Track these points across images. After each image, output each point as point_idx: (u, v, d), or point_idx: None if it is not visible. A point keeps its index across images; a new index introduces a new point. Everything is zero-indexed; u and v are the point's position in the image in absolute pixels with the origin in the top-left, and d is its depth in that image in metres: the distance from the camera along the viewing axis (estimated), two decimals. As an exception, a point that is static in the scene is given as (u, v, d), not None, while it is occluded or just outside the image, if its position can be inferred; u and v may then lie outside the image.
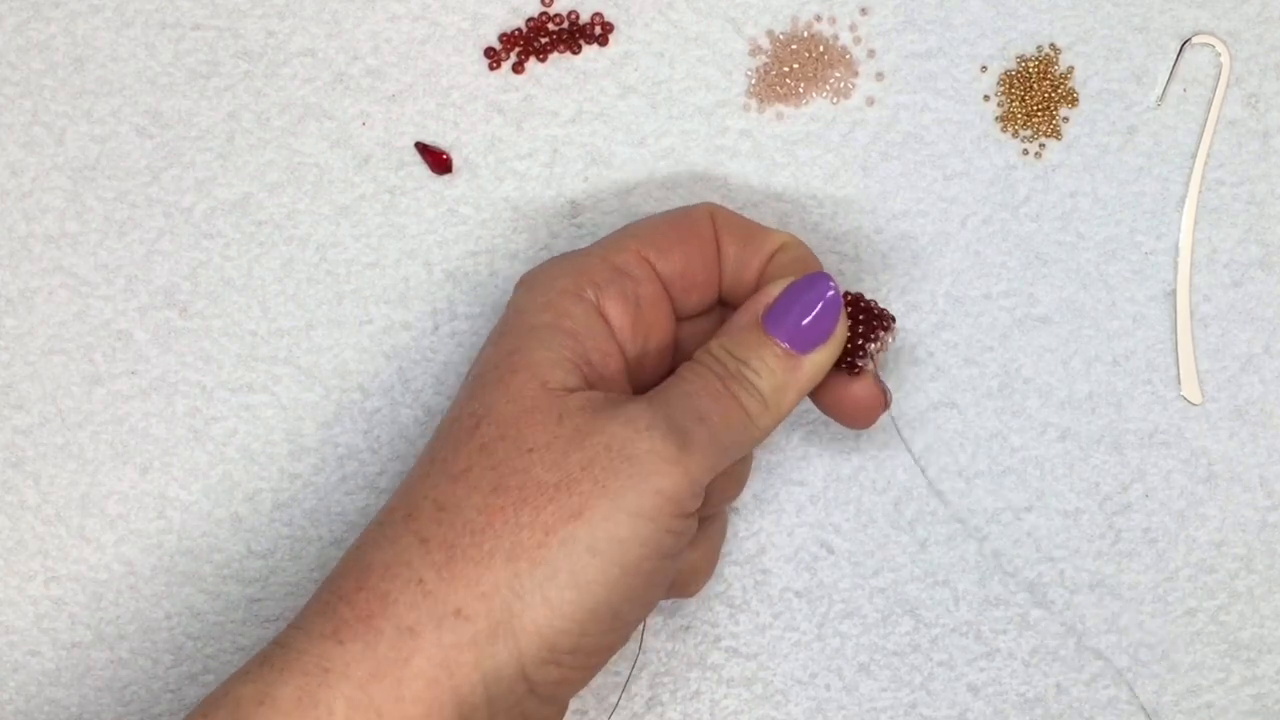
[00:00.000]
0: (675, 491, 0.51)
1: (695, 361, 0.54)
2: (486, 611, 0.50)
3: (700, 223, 0.57)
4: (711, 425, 0.52)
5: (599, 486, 0.51)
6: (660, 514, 0.51)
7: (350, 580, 0.52)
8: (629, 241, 0.56)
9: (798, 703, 0.62)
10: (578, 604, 0.50)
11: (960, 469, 0.62)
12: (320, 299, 0.63)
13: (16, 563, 0.62)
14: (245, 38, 0.63)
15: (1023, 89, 0.62)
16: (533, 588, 0.50)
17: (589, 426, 0.52)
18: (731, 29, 0.63)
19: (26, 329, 0.63)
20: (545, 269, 0.56)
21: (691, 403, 0.53)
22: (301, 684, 0.50)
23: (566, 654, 0.51)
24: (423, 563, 0.51)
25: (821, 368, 0.54)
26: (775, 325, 0.54)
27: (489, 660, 0.50)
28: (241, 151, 0.63)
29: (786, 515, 0.63)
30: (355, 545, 0.53)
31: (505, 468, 0.51)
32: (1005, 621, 0.62)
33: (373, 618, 0.50)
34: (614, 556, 0.51)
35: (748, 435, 0.53)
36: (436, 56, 0.63)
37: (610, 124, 0.63)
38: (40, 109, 0.63)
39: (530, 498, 0.51)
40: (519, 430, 0.52)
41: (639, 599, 0.52)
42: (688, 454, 0.51)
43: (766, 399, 0.53)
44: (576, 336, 0.54)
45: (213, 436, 0.62)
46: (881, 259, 0.62)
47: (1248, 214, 0.62)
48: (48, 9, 0.63)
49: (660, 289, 0.56)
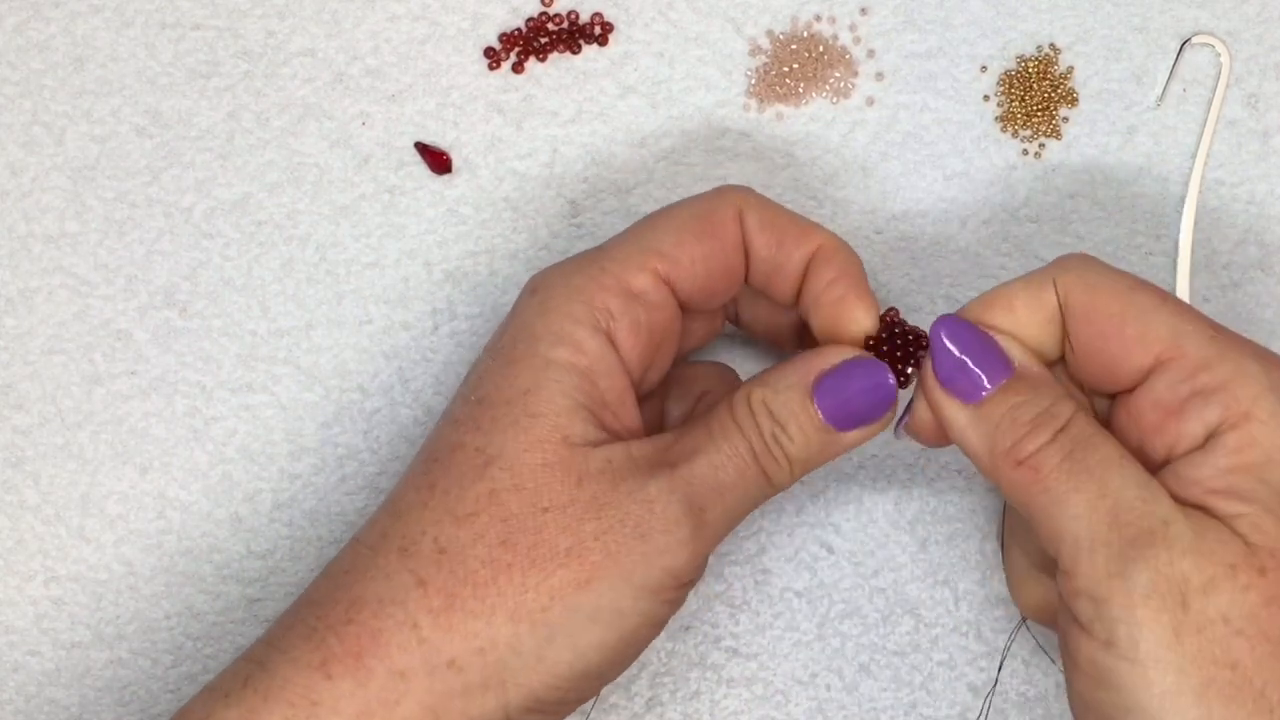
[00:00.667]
0: (681, 568, 0.51)
1: (731, 420, 0.53)
2: (481, 666, 0.50)
3: (726, 224, 0.54)
4: (728, 500, 0.52)
5: (610, 559, 0.50)
6: (663, 588, 0.51)
7: (339, 610, 0.51)
8: (647, 258, 0.53)
9: (798, 703, 0.62)
10: (571, 666, 0.51)
11: (960, 469, 0.62)
12: (320, 299, 0.63)
13: (16, 563, 0.62)
14: (245, 38, 0.63)
15: (1023, 89, 0.62)
16: (530, 649, 0.50)
17: (607, 497, 0.51)
18: (731, 29, 0.63)
19: (26, 329, 0.63)
20: (558, 283, 0.54)
21: (716, 476, 0.52)
22: (288, 715, 0.50)
23: (552, 705, 0.51)
24: (419, 606, 0.50)
25: (855, 445, 0.53)
26: (823, 397, 0.52)
27: (476, 708, 0.50)
28: (241, 151, 0.63)
29: (786, 515, 0.63)
30: (341, 567, 0.52)
31: (517, 523, 0.51)
32: (1005, 621, 0.62)
33: (363, 655, 0.50)
34: (614, 626, 0.51)
35: (762, 497, 0.53)
36: (436, 56, 0.63)
37: (610, 124, 0.63)
38: (40, 109, 0.63)
39: (540, 560, 0.50)
40: (536, 486, 0.51)
41: (626, 660, 0.52)
42: (701, 533, 0.51)
43: (793, 465, 0.53)
44: (592, 376, 0.52)
45: (213, 436, 0.62)
46: (882, 259, 0.62)
47: (1247, 215, 0.62)
48: (48, 9, 0.63)
49: (675, 310, 0.55)
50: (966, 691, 0.62)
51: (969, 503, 0.62)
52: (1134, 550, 0.46)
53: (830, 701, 0.62)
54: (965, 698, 0.62)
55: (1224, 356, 0.48)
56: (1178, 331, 0.49)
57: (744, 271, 0.55)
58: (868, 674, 0.62)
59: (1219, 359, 0.48)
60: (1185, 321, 0.49)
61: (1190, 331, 0.49)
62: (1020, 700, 0.62)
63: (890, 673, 0.62)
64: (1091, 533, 0.47)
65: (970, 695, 0.62)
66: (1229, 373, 0.48)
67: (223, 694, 0.51)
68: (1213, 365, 0.48)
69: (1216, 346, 0.49)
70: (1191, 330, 0.49)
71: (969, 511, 0.62)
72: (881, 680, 0.62)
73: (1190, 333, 0.49)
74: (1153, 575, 0.46)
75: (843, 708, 0.62)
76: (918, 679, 0.62)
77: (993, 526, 0.62)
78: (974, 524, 0.62)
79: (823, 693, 0.62)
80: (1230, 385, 0.48)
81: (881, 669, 0.62)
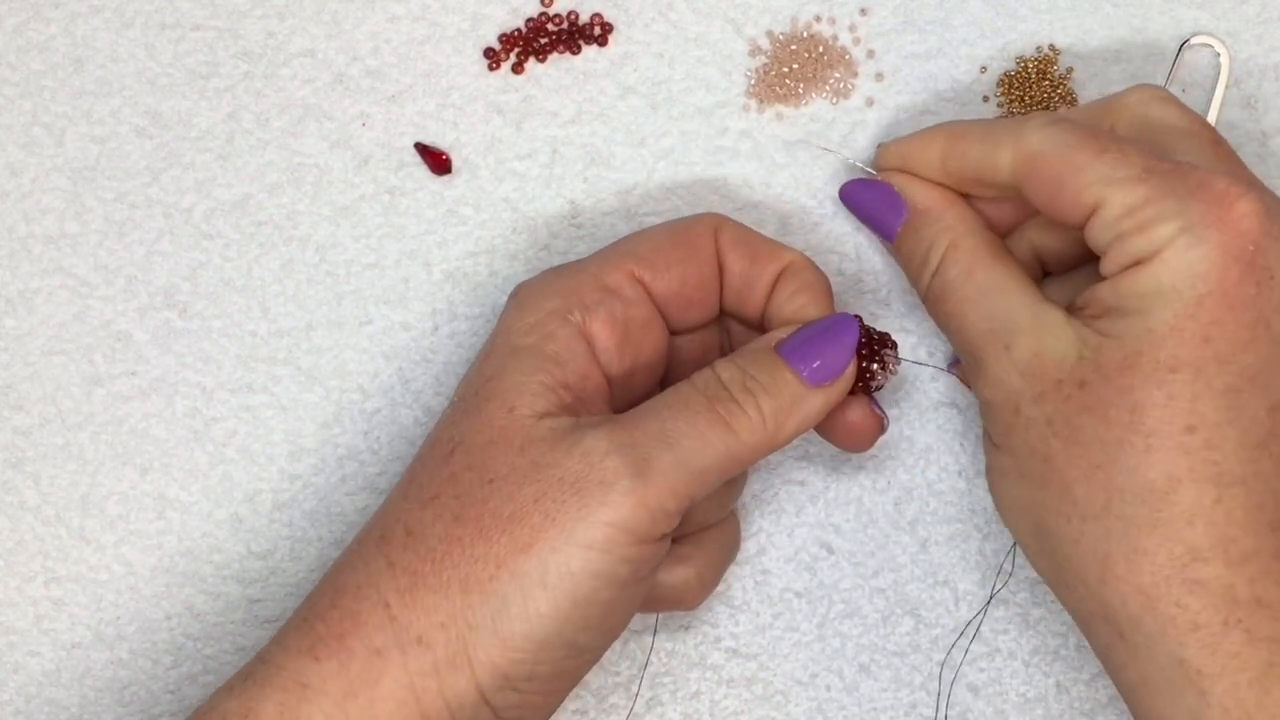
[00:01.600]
0: (628, 522, 0.51)
1: (687, 381, 0.54)
2: (445, 641, 0.51)
3: (701, 238, 0.56)
4: (681, 448, 0.52)
5: (548, 519, 0.51)
6: (613, 545, 0.51)
7: (325, 599, 0.53)
8: (624, 260, 0.56)
9: (798, 703, 0.62)
10: (528, 636, 0.51)
11: (960, 469, 0.62)
12: (320, 300, 0.63)
13: (16, 563, 0.62)
14: (245, 38, 0.63)
15: (1022, 90, 0.62)
16: (484, 620, 0.51)
17: (546, 458, 0.51)
18: (731, 29, 0.63)
19: (26, 329, 0.63)
20: (537, 285, 0.56)
21: (661, 425, 0.52)
22: (282, 700, 0.51)
23: (523, 681, 0.52)
24: (389, 586, 0.52)
25: (827, 404, 0.54)
26: (790, 354, 0.54)
27: (450, 689, 0.51)
28: (241, 152, 0.63)
29: (786, 515, 0.63)
30: (334, 564, 0.54)
31: (468, 498, 0.52)
32: (1005, 621, 0.62)
33: (345, 637, 0.51)
34: (565, 590, 0.51)
35: (731, 455, 0.52)
36: (436, 57, 0.63)
37: (610, 124, 0.63)
38: (40, 109, 0.63)
39: (486, 530, 0.51)
40: (483, 460, 0.52)
41: (597, 628, 0.52)
42: (644, 481, 0.51)
43: (765, 416, 0.53)
44: (558, 360, 0.54)
45: (213, 437, 0.62)
46: (882, 259, 0.62)
47: (1247, 214, 0.63)
48: (48, 9, 0.63)
49: (652, 310, 0.56)
50: (966, 692, 0.62)
51: (969, 503, 0.62)
52: (980, 366, 0.55)
53: (830, 701, 0.62)
54: (965, 698, 0.62)
55: (1148, 201, 0.51)
56: (1108, 180, 0.51)
57: (719, 287, 0.57)
58: (868, 674, 0.62)
59: (1143, 204, 0.51)
60: (1118, 169, 0.51)
61: (1120, 179, 0.51)
62: (1020, 700, 0.62)
63: (890, 673, 0.62)
64: (972, 343, 0.55)
65: (970, 695, 0.62)
66: (1149, 215, 0.51)
67: (228, 688, 0.52)
68: (1134, 210, 0.51)
69: (1143, 190, 0.51)
70: (1122, 177, 0.51)
71: (969, 511, 0.62)
72: (881, 680, 0.62)
73: (1120, 180, 0.51)
74: (993, 389, 0.54)
75: (843, 708, 0.62)
76: (918, 679, 0.62)
77: (992, 527, 0.62)
78: (974, 524, 0.62)
79: (823, 693, 0.62)
80: (1148, 227, 0.51)
81: (881, 669, 0.62)
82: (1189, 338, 0.50)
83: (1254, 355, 0.50)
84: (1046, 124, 0.53)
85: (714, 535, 0.58)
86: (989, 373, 0.54)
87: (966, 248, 0.56)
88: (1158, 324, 0.50)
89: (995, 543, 0.62)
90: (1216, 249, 0.50)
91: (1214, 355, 0.50)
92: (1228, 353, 0.50)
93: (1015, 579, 0.62)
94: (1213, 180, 0.51)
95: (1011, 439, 0.53)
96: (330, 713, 0.51)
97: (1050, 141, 0.53)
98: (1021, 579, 0.62)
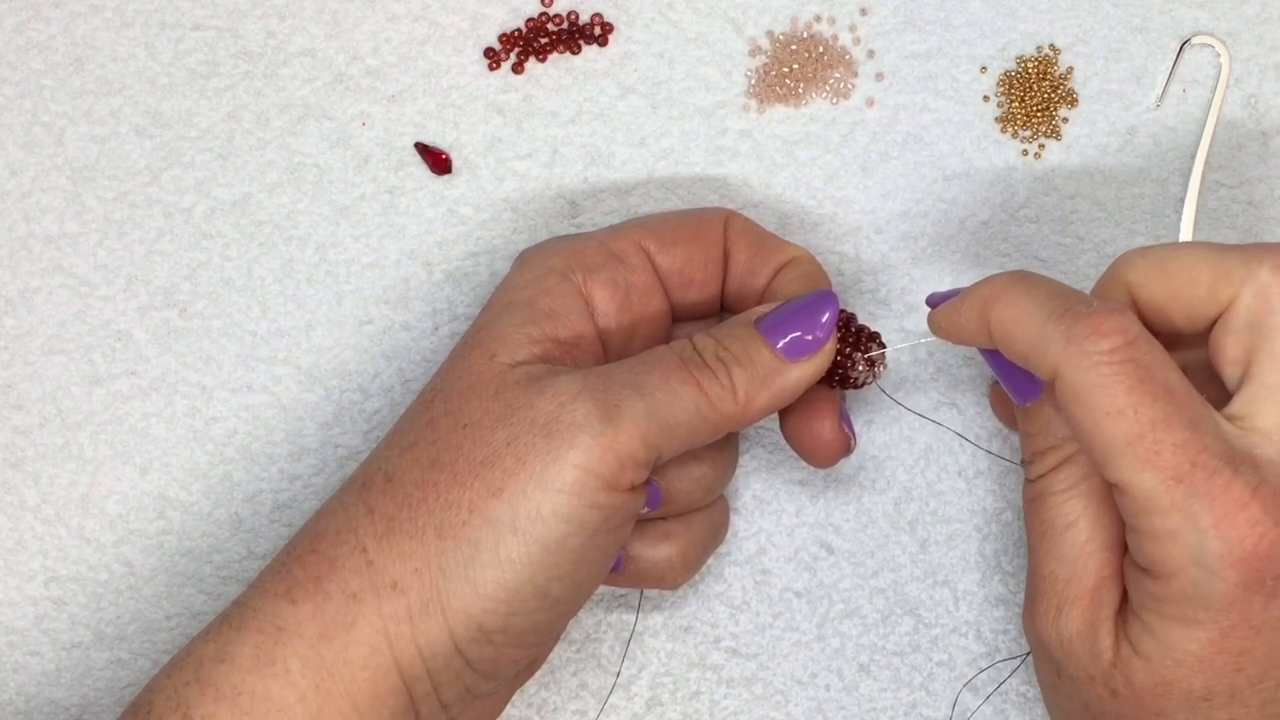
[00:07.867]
0: (597, 465, 0.51)
1: (664, 345, 0.54)
2: (419, 587, 0.51)
3: (710, 224, 0.57)
4: (652, 399, 0.51)
5: (519, 462, 0.51)
6: (583, 489, 0.51)
7: (304, 544, 0.53)
8: (631, 229, 0.57)
9: (798, 703, 0.62)
10: (500, 582, 0.51)
11: (960, 469, 0.62)
12: (320, 299, 0.63)
13: (16, 563, 0.62)
14: (245, 38, 0.63)
15: (1022, 90, 0.62)
16: (457, 565, 0.51)
17: (519, 401, 0.52)
18: (731, 29, 0.63)
19: (26, 329, 0.63)
20: (542, 247, 0.57)
21: (634, 377, 0.52)
22: (258, 642, 0.51)
23: (497, 632, 0.51)
24: (366, 531, 0.52)
25: (801, 381, 0.54)
26: (768, 329, 0.54)
27: (423, 635, 0.51)
28: (241, 152, 0.63)
29: (786, 515, 0.63)
30: (316, 512, 0.54)
31: (443, 443, 0.52)
32: (1005, 621, 0.62)
33: (321, 580, 0.52)
34: (536, 534, 0.51)
35: (700, 415, 0.52)
36: (436, 57, 0.63)
37: (610, 124, 0.63)
38: (40, 109, 0.63)
39: (460, 475, 0.51)
40: (460, 405, 0.53)
41: (569, 577, 0.52)
42: (614, 426, 0.51)
43: (736, 386, 0.53)
44: (550, 314, 0.54)
45: (213, 437, 0.62)
46: (881, 259, 0.62)
47: (1247, 216, 0.63)
48: (48, 9, 0.63)
49: (654, 280, 0.57)
50: (966, 691, 0.62)
51: (969, 503, 0.62)
52: (1033, 605, 0.54)
53: (830, 701, 0.62)
54: (965, 698, 0.62)
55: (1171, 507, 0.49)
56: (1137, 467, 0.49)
57: (722, 274, 0.57)
58: (868, 674, 0.62)
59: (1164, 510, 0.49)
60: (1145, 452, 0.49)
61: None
62: (1020, 700, 0.62)
63: (890, 673, 0.62)
64: (1034, 572, 0.54)
65: (970, 695, 0.62)
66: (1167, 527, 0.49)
67: (204, 633, 0.53)
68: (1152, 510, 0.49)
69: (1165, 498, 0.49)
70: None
71: (969, 512, 0.62)
72: (881, 680, 0.62)
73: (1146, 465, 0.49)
74: (1036, 631, 0.53)
75: (843, 708, 0.62)
76: (918, 679, 0.62)
77: (992, 527, 0.62)
78: (974, 524, 0.62)
79: (823, 693, 0.62)
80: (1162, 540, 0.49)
81: (881, 669, 0.62)
82: (1221, 669, 0.49)
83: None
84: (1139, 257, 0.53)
85: (700, 517, 0.58)
86: (1039, 619, 0.53)
87: (1078, 473, 0.53)
88: (1186, 657, 0.49)
89: (995, 543, 0.62)
90: (1236, 586, 0.48)
91: (1247, 681, 0.49)
92: (1259, 675, 0.49)
93: (1015, 579, 0.62)
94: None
95: (1056, 696, 0.54)
96: (305, 655, 0.51)
97: (1156, 266, 0.52)
98: (1022, 579, 0.62)
